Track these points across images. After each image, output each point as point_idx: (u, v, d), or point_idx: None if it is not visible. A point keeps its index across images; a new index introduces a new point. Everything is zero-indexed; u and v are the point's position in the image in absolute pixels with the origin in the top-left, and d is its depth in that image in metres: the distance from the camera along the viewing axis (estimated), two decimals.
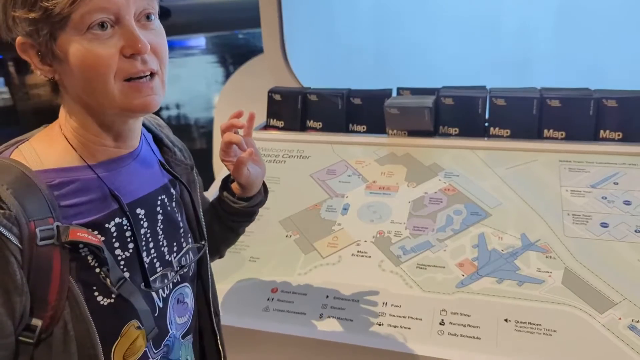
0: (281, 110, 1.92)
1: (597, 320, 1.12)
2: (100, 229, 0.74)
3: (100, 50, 0.68)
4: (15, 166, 0.70)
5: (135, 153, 0.81)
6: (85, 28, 0.67)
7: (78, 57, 0.68)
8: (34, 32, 0.68)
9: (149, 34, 0.72)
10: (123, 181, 0.78)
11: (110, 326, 0.74)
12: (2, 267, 0.65)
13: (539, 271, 1.24)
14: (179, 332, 0.87)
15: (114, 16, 0.68)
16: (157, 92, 0.74)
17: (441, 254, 1.33)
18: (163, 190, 0.85)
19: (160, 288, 0.82)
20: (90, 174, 0.75)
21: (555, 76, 1.88)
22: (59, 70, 0.72)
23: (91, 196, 0.74)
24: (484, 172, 1.55)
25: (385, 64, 2.22)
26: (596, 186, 1.44)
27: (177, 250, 0.87)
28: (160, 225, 0.83)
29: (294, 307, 1.26)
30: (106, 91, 0.70)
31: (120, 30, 0.69)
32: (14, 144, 0.76)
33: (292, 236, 1.45)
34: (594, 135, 1.61)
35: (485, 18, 2.02)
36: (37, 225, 0.67)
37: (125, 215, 0.76)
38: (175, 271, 0.85)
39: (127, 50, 0.69)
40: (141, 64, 0.70)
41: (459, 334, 1.14)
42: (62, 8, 0.65)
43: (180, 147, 0.95)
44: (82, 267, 0.72)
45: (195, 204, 0.92)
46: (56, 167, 0.73)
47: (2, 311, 0.66)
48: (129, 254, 0.77)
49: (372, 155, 1.68)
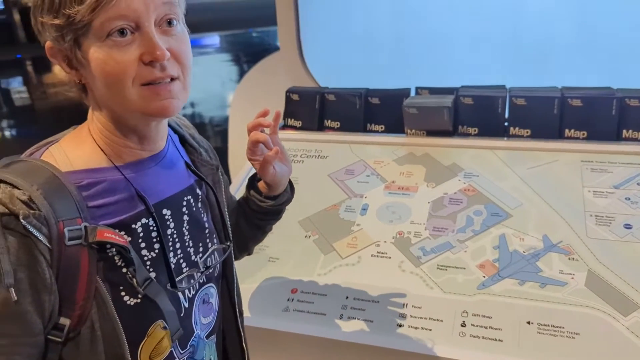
0: (299, 110, 1.92)
1: (621, 323, 1.11)
2: (127, 229, 0.75)
3: (120, 57, 0.68)
4: (45, 167, 0.71)
5: (161, 154, 0.82)
6: (105, 35, 0.68)
7: (99, 63, 0.69)
8: (60, 37, 0.69)
9: (170, 40, 0.72)
10: (149, 182, 0.79)
11: (137, 326, 0.75)
12: (31, 267, 0.66)
13: (562, 273, 1.23)
14: (203, 332, 0.88)
15: (134, 23, 0.68)
16: (176, 96, 0.74)
17: (462, 255, 1.32)
18: (189, 190, 0.86)
19: (186, 288, 0.83)
20: (118, 175, 0.76)
21: (576, 74, 1.86)
22: (84, 75, 0.73)
23: (118, 197, 0.75)
24: (504, 172, 1.54)
25: (403, 62, 2.21)
26: (619, 187, 1.42)
27: (203, 251, 0.88)
28: (186, 226, 0.84)
29: (314, 308, 1.26)
30: (125, 95, 0.71)
31: (140, 37, 0.69)
32: (44, 145, 0.77)
33: (312, 236, 1.45)
34: (617, 135, 1.59)
35: (505, 13, 2.00)
36: (66, 225, 0.68)
37: (152, 215, 0.77)
38: (201, 272, 0.86)
39: (145, 57, 0.69)
40: (160, 71, 0.71)
41: (480, 335, 1.14)
42: (83, 15, 0.66)
43: (206, 148, 0.95)
44: (109, 267, 0.73)
45: (220, 204, 0.92)
46: (85, 168, 0.74)
47: (31, 310, 0.67)
48: (155, 254, 0.78)
49: (390, 155, 1.68)
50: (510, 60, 2.01)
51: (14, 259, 0.65)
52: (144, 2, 0.68)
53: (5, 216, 0.65)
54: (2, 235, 0.64)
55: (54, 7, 0.67)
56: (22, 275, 0.66)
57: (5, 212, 0.65)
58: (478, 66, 2.02)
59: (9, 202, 0.65)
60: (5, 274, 0.64)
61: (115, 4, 0.66)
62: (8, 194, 0.66)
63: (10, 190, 0.66)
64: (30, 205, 0.66)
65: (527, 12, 1.95)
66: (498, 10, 1.99)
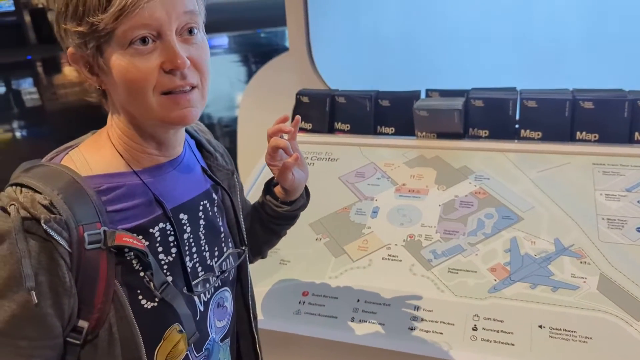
0: (309, 113, 1.92)
1: (634, 327, 1.11)
2: (144, 233, 0.76)
3: (141, 65, 0.69)
4: (65, 172, 0.72)
5: (179, 159, 0.83)
6: (127, 43, 0.69)
7: (120, 70, 0.70)
8: (83, 44, 0.71)
9: (191, 48, 0.73)
10: (167, 187, 0.80)
11: (153, 329, 0.76)
12: (52, 270, 0.68)
13: (574, 277, 1.23)
14: (218, 336, 0.89)
15: (155, 32, 0.69)
16: (194, 105, 0.75)
17: (473, 259, 1.32)
18: (205, 195, 0.87)
19: (202, 292, 0.84)
20: (136, 179, 0.77)
21: (587, 76, 1.85)
22: (105, 81, 0.74)
23: (136, 201, 0.76)
24: (515, 175, 1.54)
25: (413, 63, 2.21)
26: (631, 190, 1.41)
27: (219, 255, 0.89)
28: (202, 230, 0.85)
29: (326, 311, 1.26)
30: (146, 103, 0.72)
31: (162, 45, 0.70)
32: (64, 150, 0.78)
33: (322, 239, 1.46)
34: (629, 138, 1.58)
35: (516, 14, 1.99)
36: (86, 229, 0.70)
37: (169, 220, 0.78)
38: (216, 276, 0.87)
39: (166, 65, 0.70)
40: (180, 79, 0.72)
41: (492, 339, 1.14)
42: (107, 23, 0.67)
43: (222, 152, 0.97)
44: (127, 270, 0.74)
45: (236, 208, 0.93)
46: (104, 172, 0.75)
47: (51, 312, 0.68)
48: (172, 258, 0.79)
49: (401, 158, 1.68)
50: (521, 62, 2.00)
51: (35, 262, 0.66)
52: (166, 12, 0.69)
53: (27, 220, 0.66)
54: (23, 239, 0.66)
55: (78, 14, 0.68)
56: (42, 279, 0.67)
57: (27, 216, 0.66)
58: (489, 67, 2.02)
59: (31, 206, 0.67)
60: (27, 277, 0.65)
61: (138, 13, 0.67)
62: (30, 199, 0.67)
63: (31, 194, 0.68)
64: (51, 210, 0.67)
65: (538, 13, 1.95)
66: (509, 11, 1.99)
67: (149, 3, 0.67)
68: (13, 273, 0.66)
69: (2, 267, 0.66)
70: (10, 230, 0.66)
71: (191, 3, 0.73)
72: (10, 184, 0.71)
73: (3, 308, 0.66)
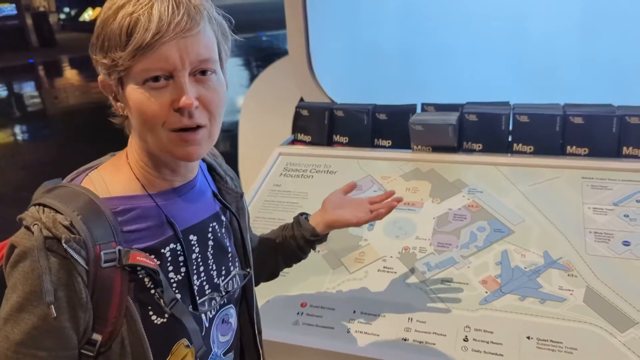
0: (308, 125, 1.98)
1: (618, 339, 1.16)
2: (156, 253, 0.81)
3: (153, 101, 0.75)
4: (85, 193, 0.78)
5: (192, 183, 0.88)
6: (142, 80, 0.75)
7: (135, 103, 0.76)
8: (108, 75, 0.77)
9: (202, 89, 0.77)
10: (179, 209, 0.85)
11: (162, 344, 0.81)
12: (70, 286, 0.73)
13: (561, 289, 1.28)
14: (220, 350, 0.94)
15: (168, 73, 0.75)
16: (200, 144, 0.79)
17: (465, 271, 1.37)
18: (214, 217, 0.93)
19: (207, 311, 0.89)
20: (150, 202, 0.82)
21: (578, 90, 1.91)
22: (126, 110, 0.80)
23: (150, 223, 0.81)
24: (507, 188, 1.59)
25: (409, 74, 2.26)
26: (618, 204, 1.47)
27: (225, 274, 0.94)
28: (210, 251, 0.91)
29: (323, 322, 1.31)
30: (156, 137, 0.78)
31: (173, 84, 0.75)
32: (84, 171, 0.84)
33: (320, 251, 1.51)
34: (617, 152, 1.64)
35: (510, 30, 2.04)
36: (102, 248, 0.75)
37: (179, 241, 0.84)
38: (221, 295, 0.92)
39: (175, 104, 0.75)
40: (187, 119, 0.76)
41: (482, 350, 1.19)
42: (125, 60, 0.73)
43: (232, 176, 1.02)
44: (139, 288, 0.79)
45: (242, 230, 0.99)
46: (121, 195, 0.81)
47: (68, 326, 0.74)
48: (181, 277, 0.84)
49: (397, 171, 1.73)
50: (515, 76, 2.06)
51: (54, 278, 0.72)
52: (179, 56, 0.74)
53: (49, 239, 0.72)
54: (45, 257, 0.71)
55: (104, 48, 0.75)
56: (61, 294, 0.72)
57: (49, 236, 0.72)
58: (483, 81, 2.07)
59: (53, 226, 0.72)
60: (47, 292, 0.71)
61: (153, 53, 0.73)
62: (51, 219, 0.73)
63: (53, 215, 0.73)
64: (71, 230, 0.73)
65: (531, 30, 2.00)
66: (503, 28, 2.04)
67: (163, 45, 0.72)
68: (34, 288, 0.71)
69: (24, 282, 0.72)
70: (33, 248, 0.71)
71: (207, 52, 0.77)
72: (34, 203, 0.76)
73: (24, 321, 0.72)
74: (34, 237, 0.72)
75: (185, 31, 0.73)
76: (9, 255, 0.74)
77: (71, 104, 9.25)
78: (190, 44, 0.74)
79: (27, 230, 0.73)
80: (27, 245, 0.72)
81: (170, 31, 0.72)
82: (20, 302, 0.72)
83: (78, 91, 10.04)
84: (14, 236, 0.75)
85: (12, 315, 0.72)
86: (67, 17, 20.24)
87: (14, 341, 0.71)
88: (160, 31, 0.72)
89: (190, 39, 0.74)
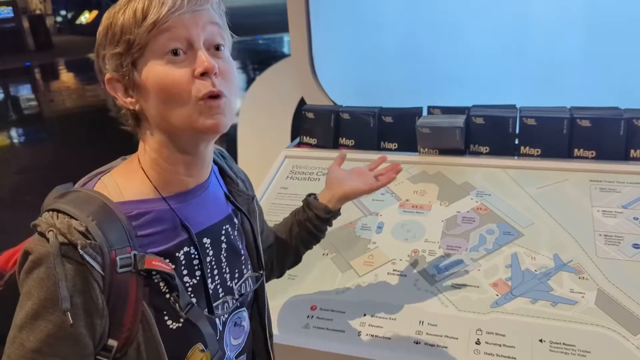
0: (314, 128, 1.97)
1: (631, 342, 1.15)
2: (171, 257, 0.80)
3: (175, 72, 0.75)
4: (98, 197, 0.77)
5: (205, 185, 0.87)
6: (161, 54, 0.75)
7: (156, 79, 0.75)
8: (119, 65, 0.76)
9: (218, 61, 0.78)
10: (192, 212, 0.84)
11: (178, 349, 0.80)
12: (86, 292, 0.72)
13: (572, 292, 1.28)
14: (232, 353, 0.93)
15: (186, 42, 0.76)
16: (225, 114, 0.78)
17: (475, 274, 1.37)
18: (227, 220, 0.92)
19: (221, 315, 0.88)
20: (164, 205, 0.81)
21: (585, 92, 1.90)
22: (139, 99, 0.79)
23: (164, 227, 0.80)
24: (515, 191, 1.59)
25: (414, 77, 2.25)
26: (627, 207, 1.47)
27: (238, 277, 0.93)
28: (223, 253, 0.90)
29: (333, 325, 1.31)
30: (181, 111, 0.76)
31: (192, 55, 0.76)
32: (96, 176, 0.83)
33: (329, 254, 1.50)
34: (625, 155, 1.64)
35: (516, 31, 2.04)
36: (118, 254, 0.74)
37: (194, 244, 0.83)
38: (235, 299, 0.91)
39: (197, 70, 0.76)
40: (211, 85, 0.76)
41: (494, 353, 1.18)
42: (142, 37, 0.74)
43: (243, 179, 1.02)
44: (155, 292, 0.78)
45: (255, 232, 0.98)
46: (134, 199, 0.80)
47: (84, 332, 0.72)
48: (196, 281, 0.83)
49: (404, 174, 1.73)
50: (521, 78, 2.05)
51: (70, 285, 0.71)
52: (195, 22, 0.76)
53: (64, 245, 0.71)
54: (60, 263, 0.70)
55: (115, 38, 0.75)
56: (77, 301, 0.71)
57: (64, 242, 0.71)
58: (490, 83, 2.07)
59: (68, 232, 0.71)
60: (63, 299, 0.69)
61: (169, 25, 0.74)
62: (66, 224, 0.72)
63: (68, 220, 0.72)
64: (86, 236, 0.72)
65: (537, 31, 2.00)
66: (509, 30, 2.04)
67: (179, 17, 0.74)
68: (50, 295, 0.70)
69: (39, 289, 0.71)
70: (49, 254, 0.70)
71: (216, 16, 0.80)
72: (47, 209, 0.75)
73: (40, 328, 0.71)
74: (49, 244, 0.71)
75: (197, 5, 0.76)
76: (23, 262, 0.73)
77: (67, 107, 9.21)
78: (204, 16, 0.77)
79: (41, 237, 0.72)
80: (42, 251, 0.71)
81: (185, 5, 0.74)
82: (36, 309, 0.71)
83: (74, 94, 10.00)
84: (27, 242, 0.74)
85: (27, 322, 0.71)
86: (63, 20, 20.17)
87: (30, 349, 0.70)
88: (175, 5, 0.74)
89: (204, 12, 0.77)
